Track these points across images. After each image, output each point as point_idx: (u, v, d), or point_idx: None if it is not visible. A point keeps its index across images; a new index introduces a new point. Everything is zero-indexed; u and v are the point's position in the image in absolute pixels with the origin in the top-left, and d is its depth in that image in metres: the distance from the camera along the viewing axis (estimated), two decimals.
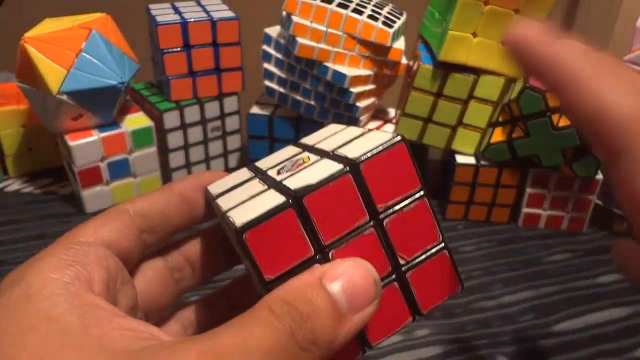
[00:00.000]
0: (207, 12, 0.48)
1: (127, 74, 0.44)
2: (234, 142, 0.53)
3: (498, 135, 0.45)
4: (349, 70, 0.44)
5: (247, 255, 0.18)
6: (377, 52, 0.44)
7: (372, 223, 0.19)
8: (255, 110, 0.49)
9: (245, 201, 0.19)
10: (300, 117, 0.48)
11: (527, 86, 0.41)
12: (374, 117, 0.50)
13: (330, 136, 0.23)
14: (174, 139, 0.49)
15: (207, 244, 0.25)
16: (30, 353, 0.15)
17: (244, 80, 0.50)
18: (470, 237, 0.46)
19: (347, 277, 0.17)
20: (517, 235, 0.47)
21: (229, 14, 0.48)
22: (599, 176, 0.45)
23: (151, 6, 0.48)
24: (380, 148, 0.19)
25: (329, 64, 0.44)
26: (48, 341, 0.15)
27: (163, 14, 0.47)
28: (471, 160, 0.46)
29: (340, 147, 0.20)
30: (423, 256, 0.20)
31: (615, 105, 0.18)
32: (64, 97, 0.41)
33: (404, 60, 0.47)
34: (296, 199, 0.18)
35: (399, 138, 0.19)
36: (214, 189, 0.23)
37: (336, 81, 0.44)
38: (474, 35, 0.42)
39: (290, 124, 0.49)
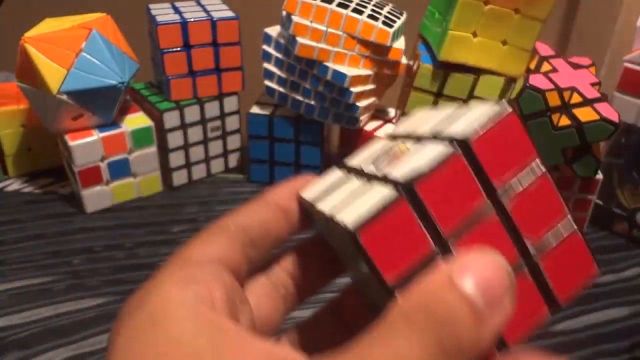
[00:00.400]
0: (207, 12, 0.48)
1: (127, 73, 0.44)
2: (234, 142, 0.53)
3: None
4: (349, 70, 0.44)
5: (364, 258, 0.16)
6: (377, 52, 0.44)
7: (492, 205, 0.17)
8: (255, 110, 0.49)
9: (350, 201, 0.18)
10: (300, 117, 0.48)
11: (527, 86, 0.41)
12: (374, 117, 0.50)
13: (424, 120, 0.21)
14: (174, 139, 0.49)
15: (307, 256, 0.24)
16: None
17: (244, 80, 0.50)
18: None
19: (477, 272, 0.15)
20: None
21: (229, 13, 0.48)
22: (599, 176, 0.45)
23: (151, 6, 0.48)
24: (490, 121, 0.17)
25: (329, 64, 0.44)
26: None
27: (163, 13, 0.47)
28: None
29: (442, 127, 0.18)
30: (553, 237, 0.18)
31: None
32: (64, 97, 0.41)
33: (404, 60, 0.47)
34: (407, 187, 0.16)
35: (509, 109, 0.17)
36: (309, 194, 0.21)
37: (336, 81, 0.44)
38: (474, 35, 0.42)
39: (290, 124, 0.49)
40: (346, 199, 0.18)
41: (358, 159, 0.22)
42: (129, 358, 0.16)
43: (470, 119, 0.18)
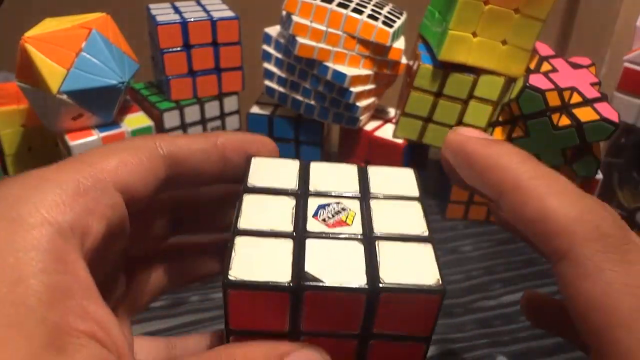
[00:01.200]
0: (207, 11, 0.48)
1: (127, 73, 0.44)
2: None
3: (498, 135, 0.45)
4: (349, 70, 0.44)
5: (223, 301, 0.17)
6: (377, 52, 0.44)
7: (359, 338, 0.18)
8: (255, 110, 0.49)
9: (260, 236, 0.18)
10: (300, 117, 0.48)
11: (527, 86, 0.41)
12: (374, 117, 0.50)
13: (390, 197, 0.20)
14: None
15: (206, 251, 0.24)
16: None
17: (244, 80, 0.50)
18: (470, 237, 0.46)
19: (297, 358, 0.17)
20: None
21: (229, 13, 0.48)
22: (599, 176, 0.45)
23: (151, 6, 0.48)
24: (416, 288, 0.17)
25: (329, 64, 0.44)
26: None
27: (163, 13, 0.47)
28: None
29: (384, 238, 0.18)
30: None
31: (558, 209, 0.17)
32: (64, 96, 0.41)
33: (404, 60, 0.47)
34: (299, 289, 0.17)
35: (441, 289, 0.17)
36: (255, 175, 0.20)
37: (336, 81, 0.44)
38: (474, 35, 0.42)
39: (290, 124, 0.49)
40: (261, 228, 0.18)
41: (319, 175, 0.21)
42: None
43: (409, 265, 0.17)
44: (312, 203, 0.19)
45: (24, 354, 0.13)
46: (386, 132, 0.48)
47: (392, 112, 0.51)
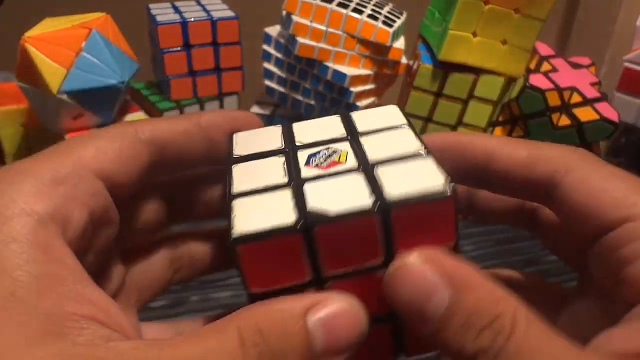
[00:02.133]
0: (207, 11, 0.48)
1: (127, 73, 0.44)
2: None
3: (498, 135, 0.45)
4: (349, 70, 0.44)
5: (237, 265, 0.16)
6: (377, 52, 0.44)
7: (384, 267, 0.17)
8: (255, 109, 0.49)
9: (256, 193, 0.17)
10: (300, 117, 0.48)
11: (527, 85, 0.41)
12: None
13: (379, 130, 0.20)
14: None
15: (209, 240, 0.23)
16: None
17: (244, 80, 0.50)
18: (470, 237, 0.46)
19: (329, 314, 0.15)
20: (517, 235, 0.47)
21: (229, 13, 0.48)
22: None
23: (151, 6, 0.48)
24: (424, 196, 0.16)
25: (329, 64, 0.44)
26: None
27: (163, 13, 0.47)
28: None
29: (381, 162, 0.18)
30: None
31: (549, 149, 0.18)
32: (64, 96, 0.41)
33: (403, 60, 0.47)
34: (307, 226, 0.16)
35: (449, 193, 0.16)
36: (239, 146, 0.20)
37: (336, 80, 0.44)
38: (474, 34, 0.42)
39: None
40: (256, 187, 0.17)
41: (303, 131, 0.20)
42: None
43: (411, 177, 0.17)
44: (302, 155, 0.19)
45: (20, 344, 0.12)
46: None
47: None
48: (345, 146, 0.19)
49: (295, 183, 0.17)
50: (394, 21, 0.45)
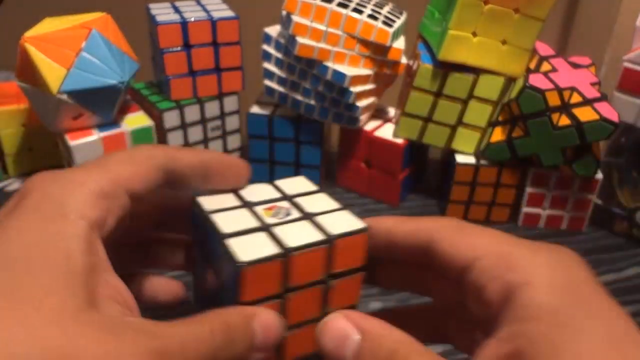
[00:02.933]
0: (207, 11, 0.48)
1: (127, 73, 0.44)
2: (233, 141, 0.53)
3: (498, 135, 0.45)
4: (349, 70, 0.44)
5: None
6: (377, 52, 0.44)
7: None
8: (255, 109, 0.49)
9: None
10: (300, 117, 0.48)
11: (527, 85, 0.41)
12: (373, 117, 0.50)
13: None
14: (174, 139, 0.49)
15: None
16: (31, 281, 0.18)
17: (244, 80, 0.50)
18: None
19: (267, 324, 0.23)
20: (517, 235, 0.47)
21: (229, 13, 0.48)
22: (599, 176, 0.45)
23: (151, 5, 0.48)
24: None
25: (329, 64, 0.44)
26: (56, 276, 0.18)
27: (163, 13, 0.47)
28: (471, 159, 0.46)
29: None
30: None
31: (428, 221, 0.25)
32: (64, 96, 0.41)
33: (403, 60, 0.47)
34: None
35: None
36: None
37: (336, 81, 0.44)
38: (474, 34, 0.42)
39: (290, 124, 0.49)
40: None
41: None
42: None
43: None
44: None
45: (72, 305, 0.18)
46: (386, 132, 0.48)
47: (392, 112, 0.51)
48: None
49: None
50: (394, 21, 0.45)
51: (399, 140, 0.46)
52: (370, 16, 0.43)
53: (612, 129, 0.40)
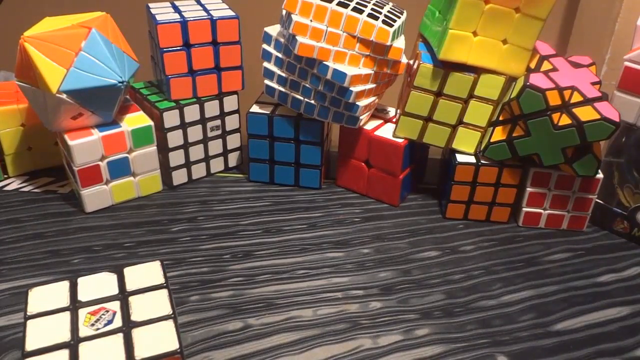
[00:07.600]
0: (207, 11, 0.48)
1: (127, 73, 0.44)
2: (233, 141, 0.53)
3: (498, 135, 0.44)
4: (349, 69, 0.43)
5: None
6: (377, 51, 0.44)
7: None
8: (255, 109, 0.49)
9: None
10: (300, 116, 0.48)
11: (527, 85, 0.41)
12: (373, 116, 0.50)
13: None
14: (174, 138, 0.49)
15: None
16: None
17: (243, 80, 0.50)
18: (470, 236, 0.46)
19: None
20: (517, 235, 0.47)
21: (229, 13, 0.48)
22: (599, 175, 0.45)
23: (151, 5, 0.48)
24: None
25: (329, 63, 0.44)
26: None
27: (163, 12, 0.47)
28: (471, 159, 0.46)
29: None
30: None
31: None
32: (64, 96, 0.41)
33: (404, 59, 0.47)
34: None
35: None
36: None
37: (336, 80, 0.44)
38: (475, 34, 0.42)
39: (290, 123, 0.49)
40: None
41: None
42: None
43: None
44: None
45: None
46: (386, 131, 0.48)
47: (392, 111, 0.51)
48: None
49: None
50: (394, 20, 0.44)
51: (399, 140, 0.46)
52: (370, 15, 0.43)
53: (613, 128, 0.40)
